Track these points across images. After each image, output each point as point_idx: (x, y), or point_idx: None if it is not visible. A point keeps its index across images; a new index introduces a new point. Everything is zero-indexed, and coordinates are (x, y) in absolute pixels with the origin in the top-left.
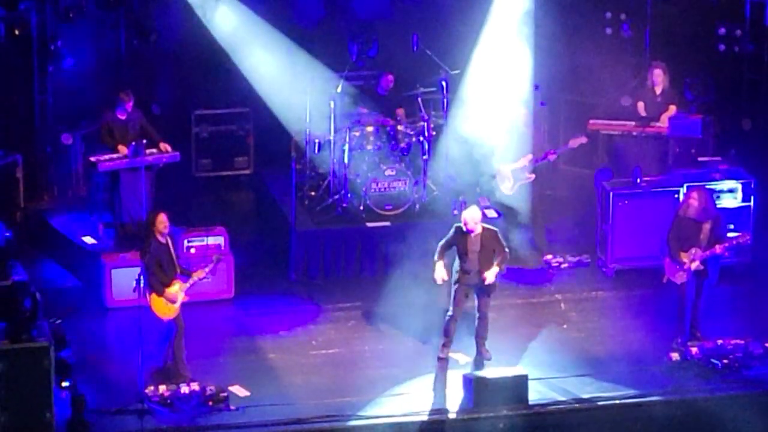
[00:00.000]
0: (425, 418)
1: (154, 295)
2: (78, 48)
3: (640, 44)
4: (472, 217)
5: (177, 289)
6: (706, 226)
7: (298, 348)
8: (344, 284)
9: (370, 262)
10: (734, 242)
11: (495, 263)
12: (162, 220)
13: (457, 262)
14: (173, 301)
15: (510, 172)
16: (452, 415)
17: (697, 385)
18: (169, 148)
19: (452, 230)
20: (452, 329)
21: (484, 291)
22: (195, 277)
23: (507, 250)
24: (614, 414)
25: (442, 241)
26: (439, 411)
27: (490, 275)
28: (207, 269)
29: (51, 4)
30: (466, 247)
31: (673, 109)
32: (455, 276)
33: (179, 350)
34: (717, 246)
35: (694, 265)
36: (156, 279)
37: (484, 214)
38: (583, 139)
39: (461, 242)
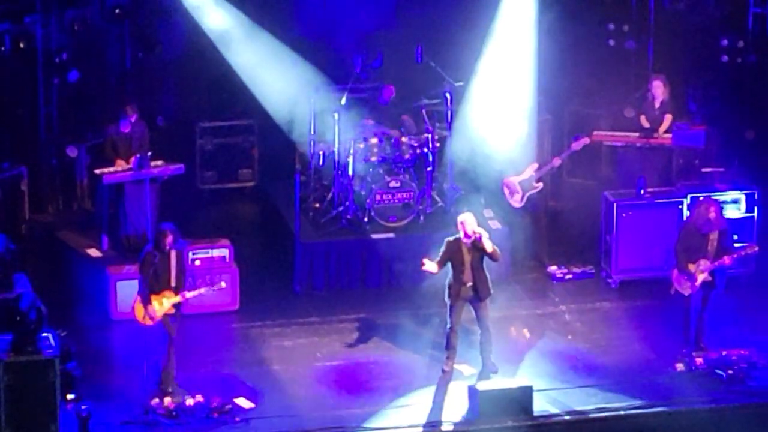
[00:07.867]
0: (430, 429)
1: (138, 301)
2: (83, 60)
3: (643, 56)
4: (472, 220)
5: (158, 306)
6: (714, 237)
7: (303, 360)
8: (348, 296)
9: (374, 274)
10: (743, 252)
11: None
12: (167, 242)
13: (450, 277)
14: (152, 317)
15: (518, 185)
16: (457, 427)
17: (701, 396)
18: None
19: (444, 246)
20: (454, 341)
21: (479, 301)
22: (180, 297)
23: (496, 247)
24: (619, 425)
25: (437, 259)
26: (444, 423)
27: (487, 241)
28: (196, 292)
29: (56, 17)
30: (461, 258)
31: (669, 119)
32: (451, 290)
33: (169, 361)
34: (725, 257)
35: (703, 276)
36: (146, 288)
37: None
38: (586, 140)
39: (456, 254)
